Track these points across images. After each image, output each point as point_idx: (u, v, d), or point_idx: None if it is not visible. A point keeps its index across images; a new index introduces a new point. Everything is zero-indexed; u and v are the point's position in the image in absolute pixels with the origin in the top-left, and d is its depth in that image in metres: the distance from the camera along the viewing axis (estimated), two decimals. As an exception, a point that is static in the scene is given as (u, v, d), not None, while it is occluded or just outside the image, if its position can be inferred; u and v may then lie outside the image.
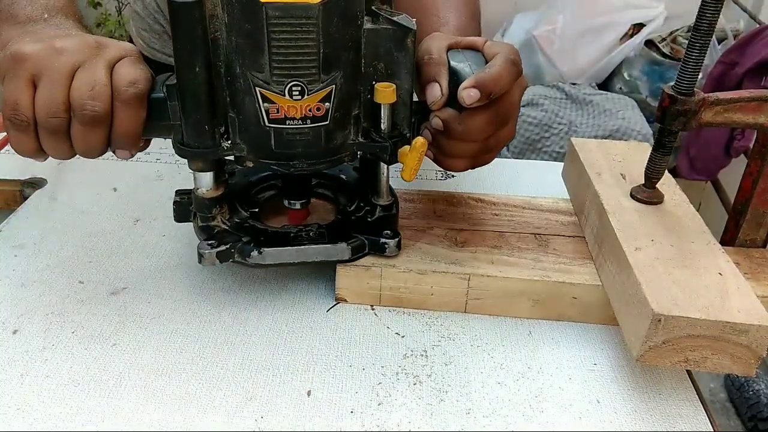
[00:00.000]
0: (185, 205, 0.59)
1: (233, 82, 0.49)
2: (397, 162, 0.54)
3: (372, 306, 0.58)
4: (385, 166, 0.58)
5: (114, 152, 0.52)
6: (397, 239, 0.57)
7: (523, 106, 1.87)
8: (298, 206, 0.60)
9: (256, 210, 0.61)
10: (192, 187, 0.57)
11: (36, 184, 0.73)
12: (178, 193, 0.60)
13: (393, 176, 0.60)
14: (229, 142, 0.52)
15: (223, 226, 0.57)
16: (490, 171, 0.82)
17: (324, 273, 0.61)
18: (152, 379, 0.50)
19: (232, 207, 0.59)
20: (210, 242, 0.55)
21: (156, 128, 0.52)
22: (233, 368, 0.51)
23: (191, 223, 0.59)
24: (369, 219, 0.59)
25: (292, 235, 0.57)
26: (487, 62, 0.53)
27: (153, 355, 0.52)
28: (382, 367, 0.52)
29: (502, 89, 0.52)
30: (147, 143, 0.54)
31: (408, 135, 0.54)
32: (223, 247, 0.55)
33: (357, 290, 0.58)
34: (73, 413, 0.47)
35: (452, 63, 0.53)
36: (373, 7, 0.51)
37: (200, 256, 0.55)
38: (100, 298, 0.57)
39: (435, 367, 0.52)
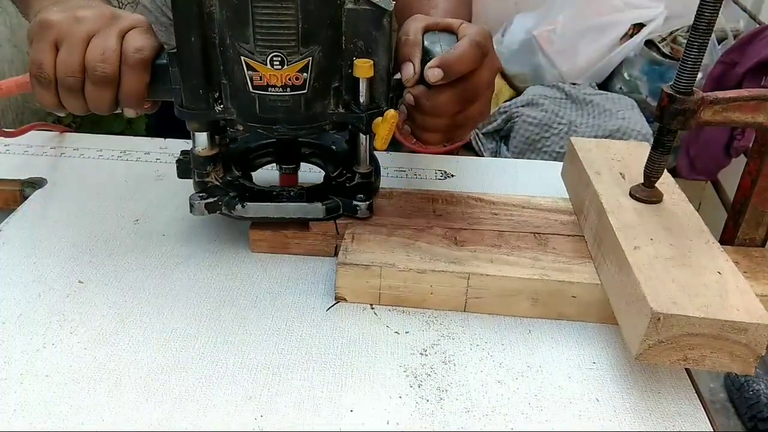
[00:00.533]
0: (186, 163, 0.64)
1: (225, 51, 0.54)
2: (371, 132, 0.58)
3: (371, 305, 0.59)
4: (365, 136, 0.62)
5: (122, 110, 0.59)
6: (368, 202, 0.62)
7: (523, 106, 1.88)
8: (288, 170, 0.67)
9: (252, 172, 0.68)
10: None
11: (36, 184, 0.74)
12: (182, 152, 0.65)
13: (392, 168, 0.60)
14: (222, 106, 0.58)
15: (216, 183, 0.63)
16: (490, 171, 0.82)
17: (324, 273, 0.61)
18: (152, 379, 0.50)
19: (227, 167, 0.64)
20: (201, 194, 0.62)
21: (160, 91, 0.57)
22: (233, 367, 0.51)
23: (190, 224, 0.60)
24: (348, 185, 0.64)
25: (274, 193, 0.63)
26: None
27: (153, 355, 0.52)
28: (382, 366, 0.52)
29: (464, 69, 0.55)
30: (155, 105, 0.60)
31: (385, 108, 0.58)
32: (211, 199, 0.61)
33: (356, 289, 0.58)
34: (73, 413, 0.47)
35: (426, 43, 0.58)
36: None
37: (191, 206, 0.61)
38: (100, 298, 0.58)
39: (434, 366, 0.52)
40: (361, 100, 0.57)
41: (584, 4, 2.00)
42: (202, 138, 0.61)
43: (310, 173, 0.73)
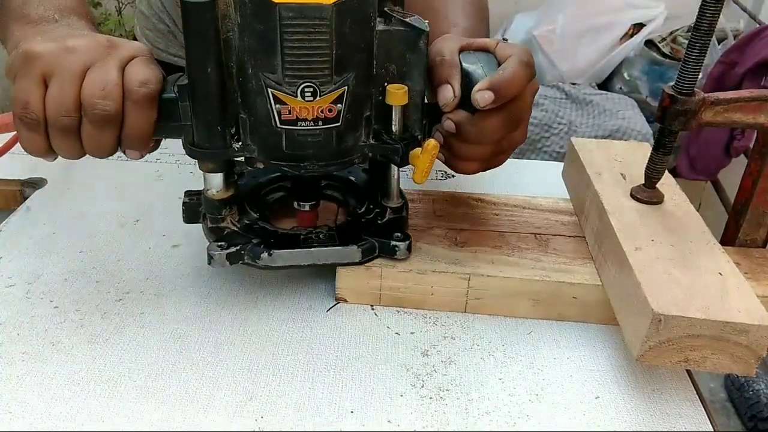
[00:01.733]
0: (194, 206, 0.59)
1: (245, 83, 0.49)
2: (408, 164, 0.54)
3: (372, 306, 0.58)
4: (396, 168, 0.57)
5: (124, 152, 0.52)
6: (407, 242, 0.57)
7: (524, 106, 1.87)
8: (307, 208, 0.60)
9: (265, 211, 0.61)
10: (198, 188, 0.57)
11: (36, 184, 0.73)
12: (188, 194, 0.59)
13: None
14: (240, 143, 0.52)
15: (233, 228, 0.57)
16: (491, 171, 0.82)
17: (324, 273, 0.61)
18: (152, 379, 0.50)
19: (242, 208, 0.59)
20: (220, 244, 0.55)
21: (167, 129, 0.51)
22: (233, 368, 0.51)
23: (192, 224, 0.59)
24: (379, 221, 0.59)
25: (302, 237, 0.57)
26: (499, 64, 0.53)
27: (153, 355, 0.52)
28: (383, 366, 0.52)
29: (516, 91, 0.51)
30: (157, 144, 0.54)
31: (419, 137, 0.54)
32: (233, 249, 0.55)
33: (357, 290, 0.58)
34: (73, 413, 0.47)
35: (464, 65, 0.53)
36: (385, 9, 0.50)
37: (210, 257, 0.55)
38: (100, 298, 0.57)
39: (435, 367, 0.52)
40: (394, 129, 0.53)
41: (584, 4, 2.00)
42: (216, 179, 0.55)
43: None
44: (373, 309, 0.58)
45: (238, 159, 0.54)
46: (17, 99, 0.48)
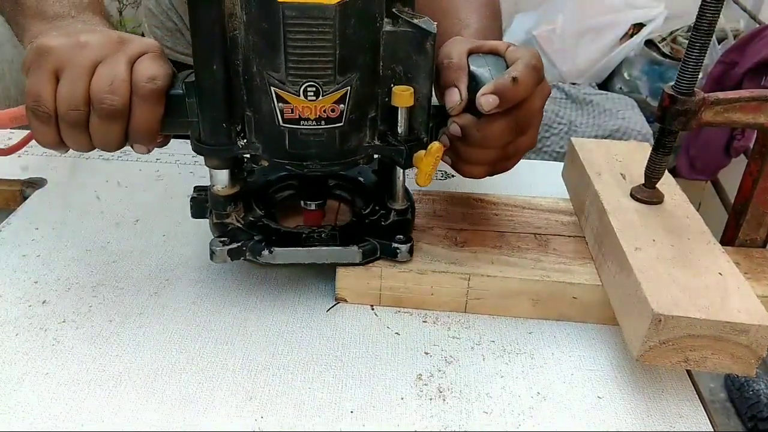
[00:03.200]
0: (201, 202, 0.59)
1: (250, 80, 0.49)
2: (412, 166, 0.54)
3: (372, 306, 0.58)
4: (401, 170, 0.57)
5: (132, 146, 0.53)
6: (409, 244, 0.56)
7: (524, 106, 1.87)
8: (313, 207, 0.60)
9: (273, 209, 0.61)
10: (205, 184, 0.57)
11: (36, 184, 0.73)
12: (197, 189, 0.60)
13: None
14: (245, 140, 0.52)
15: (237, 224, 0.57)
16: (490, 171, 0.82)
17: (324, 273, 0.61)
18: (152, 379, 0.50)
19: (248, 205, 0.59)
20: (222, 239, 0.55)
21: (174, 124, 0.52)
22: (233, 368, 0.51)
23: (190, 224, 0.59)
24: (383, 223, 0.59)
25: (304, 236, 0.57)
26: (508, 67, 0.52)
27: (153, 355, 0.52)
28: (383, 366, 0.52)
29: (521, 96, 0.51)
30: (167, 140, 0.55)
31: (425, 139, 0.54)
32: (234, 245, 0.55)
33: (357, 290, 0.58)
34: (73, 413, 0.47)
35: (472, 68, 0.53)
36: (393, 10, 0.50)
37: (212, 252, 0.55)
38: (100, 298, 0.57)
39: (435, 367, 0.52)
40: (400, 130, 0.52)
41: (584, 4, 2.00)
42: (222, 176, 0.56)
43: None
44: (373, 309, 0.58)
45: (244, 156, 0.54)
46: (30, 92, 0.49)
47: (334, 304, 0.58)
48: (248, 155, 0.54)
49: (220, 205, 0.57)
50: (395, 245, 0.56)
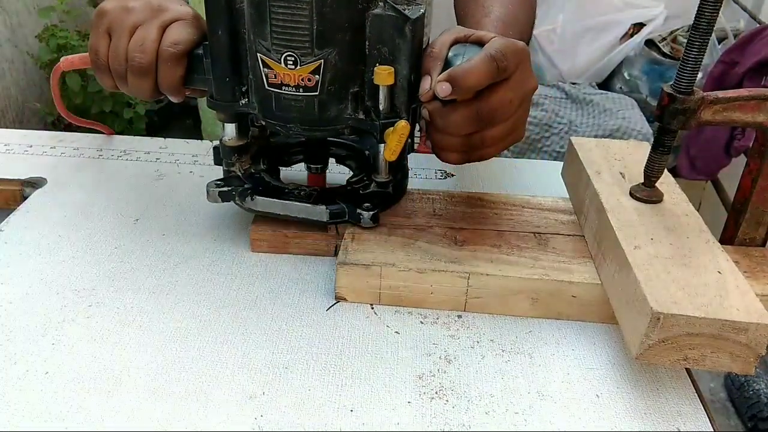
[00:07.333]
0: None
1: (250, 47, 0.56)
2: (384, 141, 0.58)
3: (372, 304, 0.59)
4: (383, 145, 0.60)
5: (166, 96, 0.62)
6: (372, 212, 0.60)
7: (523, 105, 1.87)
8: (315, 170, 0.68)
9: (285, 167, 0.70)
10: (197, 191, 0.63)
11: (36, 184, 0.74)
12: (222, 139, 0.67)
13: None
14: (246, 99, 0.59)
15: (238, 173, 0.64)
16: (490, 170, 0.82)
17: (324, 272, 0.61)
18: (152, 378, 0.50)
19: (256, 159, 0.66)
20: (218, 182, 0.63)
21: (196, 80, 0.60)
22: (233, 367, 0.51)
23: (189, 224, 0.60)
24: (361, 192, 0.63)
25: (286, 191, 0.63)
26: None
27: (153, 355, 0.52)
28: (382, 365, 0.52)
29: (474, 84, 0.52)
30: (201, 93, 0.63)
31: (406, 119, 0.57)
32: (226, 188, 0.62)
33: (357, 289, 0.58)
34: (73, 412, 0.47)
35: (450, 56, 0.56)
36: None
37: (207, 192, 0.62)
38: (100, 298, 0.58)
39: (435, 366, 0.52)
40: (381, 107, 0.56)
41: (584, 3, 2.00)
42: (230, 128, 0.63)
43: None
44: (372, 308, 0.58)
45: (246, 113, 0.61)
46: (90, 46, 0.60)
47: (334, 303, 0.58)
48: (248, 113, 0.60)
49: (226, 154, 0.64)
50: (360, 211, 0.61)
